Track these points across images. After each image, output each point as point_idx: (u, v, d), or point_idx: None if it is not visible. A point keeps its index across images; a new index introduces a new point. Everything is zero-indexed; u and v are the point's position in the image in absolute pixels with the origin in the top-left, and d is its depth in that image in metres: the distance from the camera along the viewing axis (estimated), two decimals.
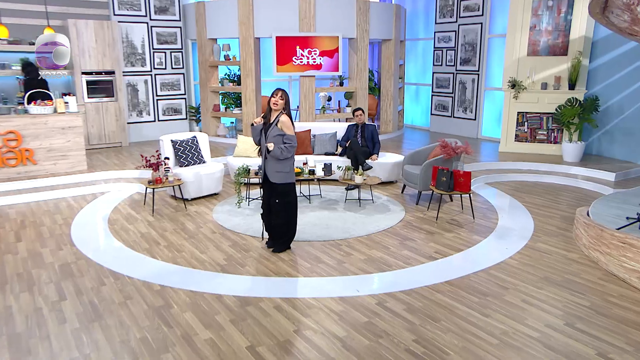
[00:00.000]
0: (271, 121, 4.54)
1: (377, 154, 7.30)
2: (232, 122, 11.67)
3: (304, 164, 6.52)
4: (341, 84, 11.19)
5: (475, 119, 11.73)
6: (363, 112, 7.50)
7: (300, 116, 10.31)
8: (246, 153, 7.60)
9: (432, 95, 12.70)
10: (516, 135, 9.83)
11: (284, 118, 4.48)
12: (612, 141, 9.18)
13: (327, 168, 6.71)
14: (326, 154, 7.76)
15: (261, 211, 4.94)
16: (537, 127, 9.66)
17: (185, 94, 11.58)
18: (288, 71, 10.32)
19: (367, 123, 7.59)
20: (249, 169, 6.26)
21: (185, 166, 6.75)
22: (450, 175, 5.77)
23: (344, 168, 6.58)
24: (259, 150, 4.67)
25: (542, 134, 9.64)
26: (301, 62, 10.23)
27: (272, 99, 4.47)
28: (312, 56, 10.26)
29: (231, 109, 11.25)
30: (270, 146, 4.42)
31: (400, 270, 4.50)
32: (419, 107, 13.68)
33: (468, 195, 5.92)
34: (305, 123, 8.16)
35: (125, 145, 10.47)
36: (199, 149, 6.99)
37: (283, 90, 4.51)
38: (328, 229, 5.47)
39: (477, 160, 8.74)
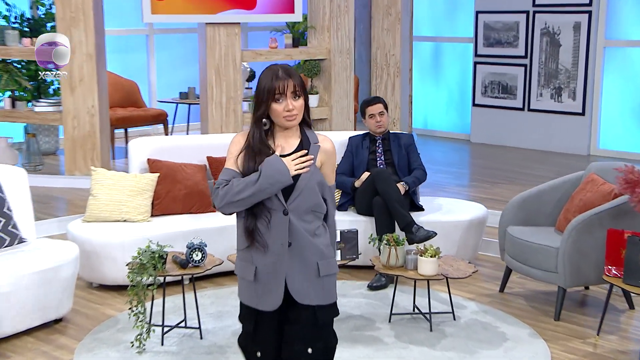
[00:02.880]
0: (285, 151, 4.25)
1: (410, 185, 7.76)
2: (32, 134, 11.87)
3: None
4: (296, 44, 11.52)
5: (583, 114, 12.28)
6: (386, 108, 7.96)
7: (203, 117, 11.12)
8: (118, 212, 7.38)
9: (474, 64, 13.52)
10: None
11: (328, 145, 4.36)
12: None
13: (350, 244, 6.64)
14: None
15: None
16: None
17: None
18: (178, 13, 10.72)
19: (394, 132, 8.18)
20: (165, 255, 6.02)
21: None
22: None
23: (385, 242, 6.58)
24: (254, 231, 4.05)
25: None
26: None
27: (282, 103, 4.10)
28: None
29: (26, 100, 11.66)
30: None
31: None
32: (441, 90, 14.55)
33: None
34: (226, 135, 8.98)
35: None
36: (7, 209, 6.63)
37: (294, 73, 4.31)
38: None
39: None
